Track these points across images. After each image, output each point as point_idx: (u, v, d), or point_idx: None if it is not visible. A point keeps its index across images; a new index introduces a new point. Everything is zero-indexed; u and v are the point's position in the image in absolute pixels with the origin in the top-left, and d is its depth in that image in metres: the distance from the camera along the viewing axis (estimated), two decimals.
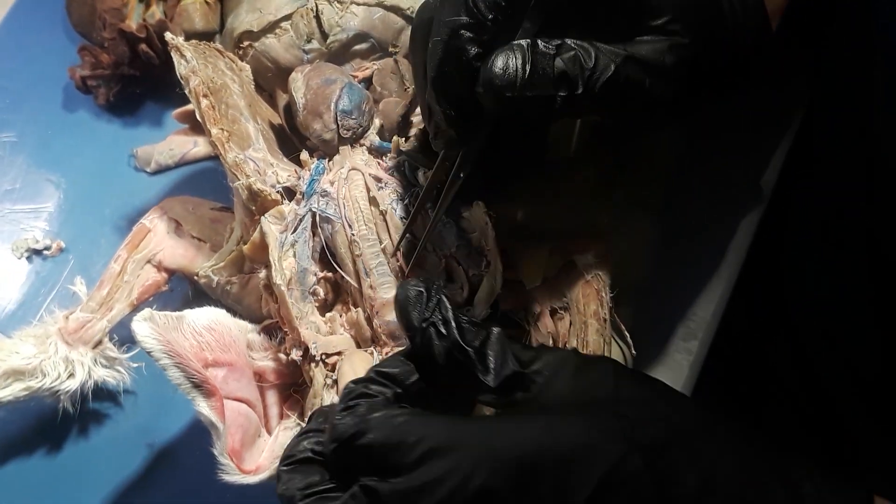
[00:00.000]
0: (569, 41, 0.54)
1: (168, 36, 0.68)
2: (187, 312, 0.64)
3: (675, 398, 0.50)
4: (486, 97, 0.54)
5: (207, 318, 0.65)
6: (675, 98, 0.57)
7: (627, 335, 0.71)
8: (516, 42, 0.53)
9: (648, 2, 0.55)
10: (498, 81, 0.53)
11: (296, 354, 0.65)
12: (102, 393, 0.77)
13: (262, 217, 0.67)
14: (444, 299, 0.51)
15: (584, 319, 0.69)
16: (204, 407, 0.60)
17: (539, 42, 0.53)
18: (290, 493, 0.48)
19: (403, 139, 0.70)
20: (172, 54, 0.67)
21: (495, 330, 0.51)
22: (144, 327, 0.59)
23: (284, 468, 0.49)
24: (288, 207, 0.68)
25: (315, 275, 0.68)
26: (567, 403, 0.48)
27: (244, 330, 0.68)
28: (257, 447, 0.64)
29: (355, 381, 0.50)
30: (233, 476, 0.60)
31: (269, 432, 0.67)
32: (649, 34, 0.56)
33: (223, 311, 0.67)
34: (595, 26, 0.56)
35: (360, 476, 0.45)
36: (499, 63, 0.53)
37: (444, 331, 0.49)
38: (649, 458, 0.43)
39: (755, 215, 0.81)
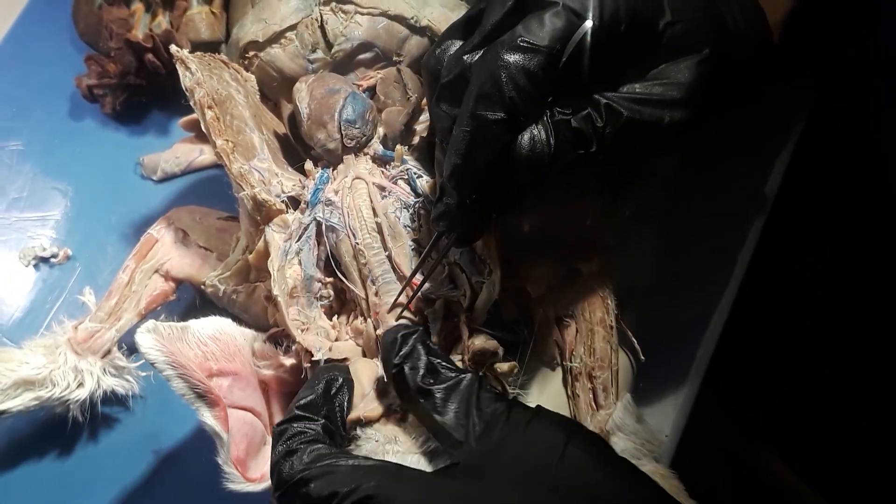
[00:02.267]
0: (582, 102, 0.55)
1: (173, 48, 0.68)
2: (192, 322, 0.64)
3: (621, 482, 0.51)
4: (521, 174, 0.56)
5: (212, 328, 0.65)
6: (690, 123, 0.57)
7: (635, 341, 0.71)
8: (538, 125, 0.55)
9: (665, 29, 0.56)
10: (530, 158, 0.54)
11: (305, 361, 0.66)
12: (112, 398, 0.78)
13: (266, 226, 0.67)
14: (420, 347, 0.58)
15: (590, 327, 0.70)
16: (208, 417, 0.60)
17: (556, 111, 0.55)
18: None
19: (406, 147, 0.71)
20: (177, 66, 0.68)
21: (466, 378, 0.56)
22: (148, 339, 0.59)
23: None
24: (292, 216, 0.68)
25: (320, 281, 0.68)
26: (509, 473, 0.51)
27: (250, 339, 0.69)
28: (263, 455, 0.64)
29: (280, 423, 0.57)
30: (238, 484, 0.60)
31: None
32: (664, 59, 0.56)
33: (228, 321, 0.67)
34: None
35: None
36: (525, 142, 0.54)
37: (408, 378, 0.57)
38: None
39: (758, 221, 0.81)
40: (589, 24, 0.53)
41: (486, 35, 0.56)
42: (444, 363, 0.58)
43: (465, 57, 0.56)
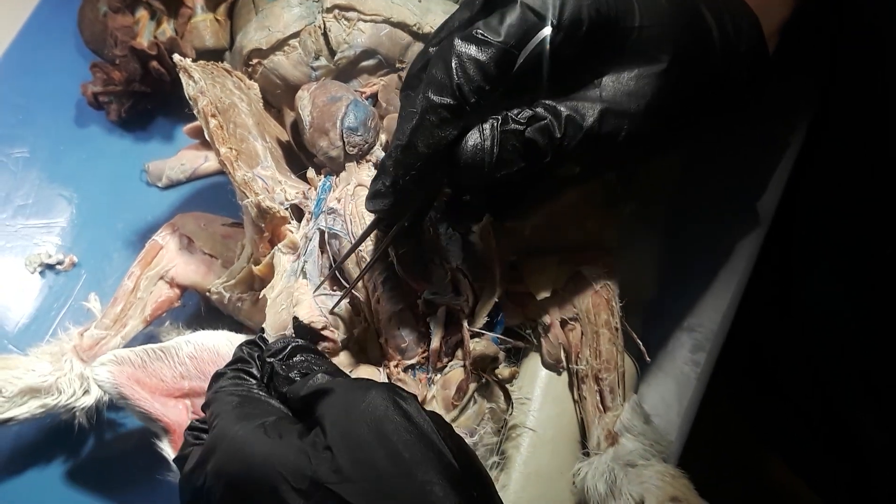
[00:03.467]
0: (540, 109, 0.55)
1: (176, 57, 0.68)
2: (174, 341, 0.65)
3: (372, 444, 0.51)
4: (459, 175, 0.56)
5: (194, 346, 0.66)
6: (650, 136, 0.58)
7: (640, 343, 0.71)
8: (488, 120, 0.55)
9: (632, 33, 0.56)
10: (469, 164, 0.55)
11: None
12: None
13: (276, 248, 0.68)
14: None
15: (595, 329, 0.70)
16: (164, 443, 0.63)
17: (510, 118, 0.55)
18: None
19: None
20: (180, 75, 0.68)
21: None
22: (102, 372, 0.62)
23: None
24: (299, 234, 0.68)
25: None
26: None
27: None
28: None
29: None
30: None
31: None
32: (627, 65, 0.56)
33: (220, 334, 0.68)
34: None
35: None
36: (469, 146, 0.55)
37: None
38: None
39: (762, 226, 0.81)
40: (547, 29, 0.53)
41: (452, 31, 0.57)
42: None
43: (430, 49, 0.58)
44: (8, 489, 0.77)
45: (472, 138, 0.55)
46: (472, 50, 0.53)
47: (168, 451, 0.61)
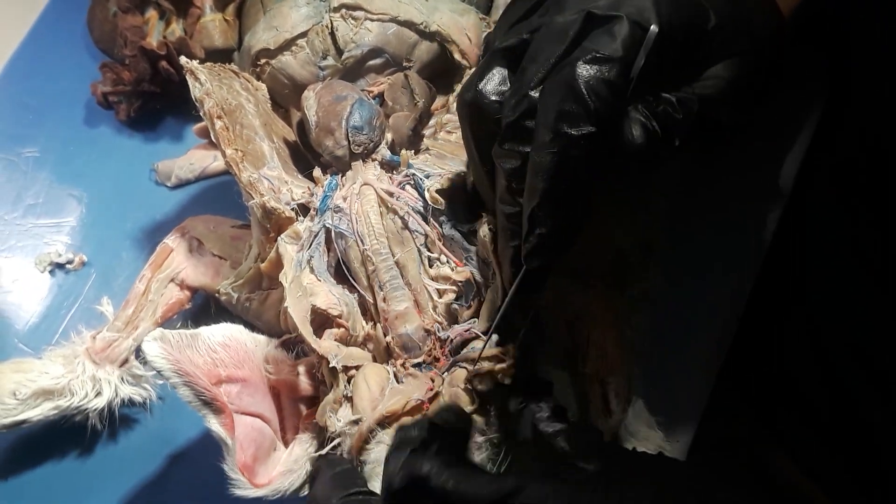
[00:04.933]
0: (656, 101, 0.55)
1: (183, 59, 0.69)
2: (202, 329, 0.64)
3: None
4: (630, 162, 0.55)
5: (222, 335, 0.65)
6: (740, 120, 0.59)
7: (647, 341, 0.71)
8: (631, 108, 0.54)
9: (712, 34, 0.56)
10: (643, 145, 0.54)
11: (326, 370, 0.66)
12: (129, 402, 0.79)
13: (279, 238, 0.68)
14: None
15: (601, 330, 0.70)
16: (214, 424, 0.61)
17: (645, 101, 0.55)
18: None
19: (413, 152, 0.71)
20: (187, 77, 0.68)
21: None
22: (154, 347, 0.60)
23: None
24: (303, 226, 0.68)
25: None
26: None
27: (262, 345, 0.69)
28: (273, 460, 0.65)
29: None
30: (245, 490, 0.61)
31: (286, 445, 0.68)
32: (715, 60, 0.57)
33: (240, 327, 0.68)
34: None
35: None
36: (636, 132, 0.54)
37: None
38: None
39: (773, 216, 0.80)
40: (655, 28, 0.52)
41: (550, 68, 0.54)
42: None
43: (531, 93, 0.54)
44: (21, 489, 0.78)
45: (635, 122, 0.54)
46: (597, 70, 0.51)
47: (222, 432, 0.61)
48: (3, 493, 0.77)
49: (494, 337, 0.62)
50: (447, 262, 0.68)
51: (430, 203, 0.67)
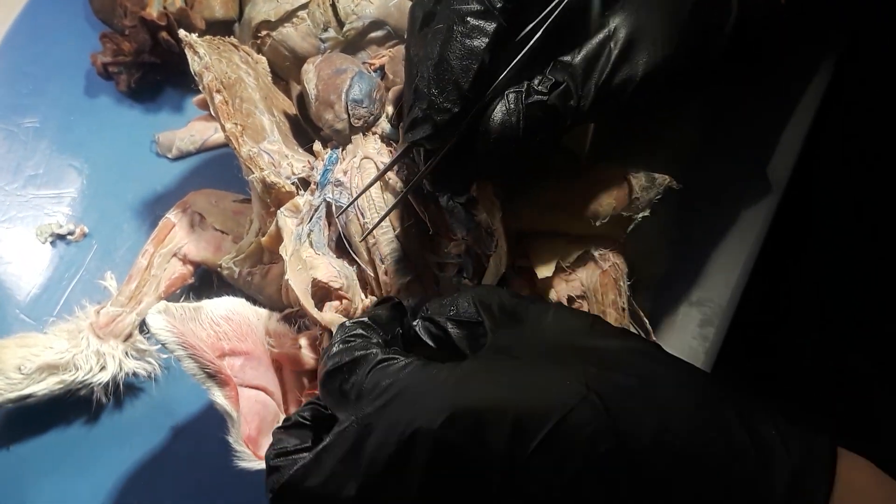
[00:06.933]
0: (559, 71, 0.55)
1: (182, 33, 0.68)
2: (205, 303, 0.65)
3: (644, 347, 0.50)
4: (487, 147, 0.56)
5: (225, 308, 0.66)
6: (662, 81, 0.57)
7: (647, 322, 0.71)
8: (512, 91, 0.55)
9: None
10: (499, 138, 0.55)
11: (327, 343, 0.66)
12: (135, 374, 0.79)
13: (279, 211, 0.67)
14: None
15: (602, 308, 0.70)
16: (219, 396, 0.61)
17: (533, 89, 0.55)
18: (268, 453, 0.50)
19: None
20: (186, 51, 0.68)
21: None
22: (159, 319, 0.60)
23: (276, 430, 0.52)
24: (303, 199, 0.68)
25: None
26: (546, 348, 0.49)
27: (263, 318, 0.69)
28: None
29: (351, 321, 0.53)
30: (249, 462, 0.61)
31: None
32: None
33: (242, 301, 0.68)
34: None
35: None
36: (496, 121, 0.55)
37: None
38: (607, 403, 0.44)
39: (773, 197, 0.81)
40: None
41: None
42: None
43: None
44: (27, 458, 0.78)
45: (499, 112, 0.55)
46: None
47: (226, 405, 0.61)
48: (9, 462, 0.78)
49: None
50: (445, 234, 0.68)
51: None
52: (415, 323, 0.53)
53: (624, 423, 0.44)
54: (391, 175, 0.68)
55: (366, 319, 0.53)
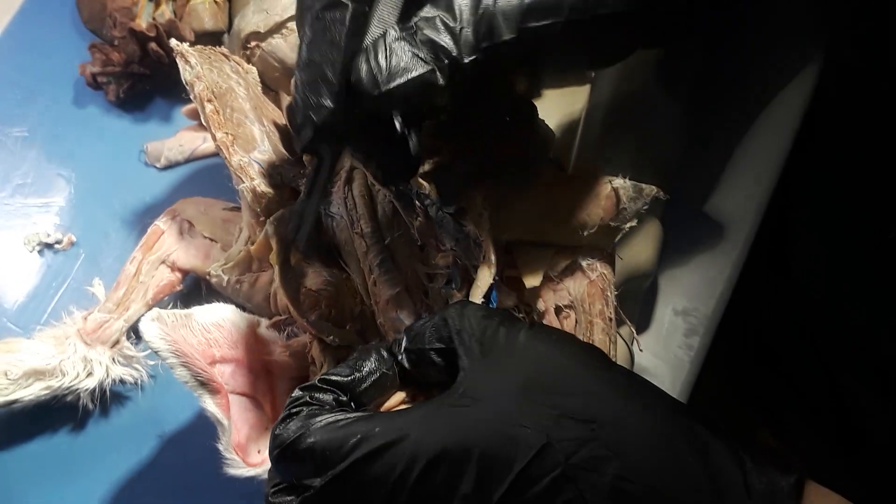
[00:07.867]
0: (428, 9, 0.51)
1: (173, 42, 0.69)
2: (196, 310, 0.65)
3: (610, 376, 0.49)
4: (360, 101, 0.52)
5: (215, 316, 0.66)
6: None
7: (634, 332, 0.71)
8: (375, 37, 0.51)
9: None
10: (361, 79, 0.51)
11: (316, 350, 0.66)
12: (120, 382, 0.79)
13: (268, 220, 0.68)
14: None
15: (589, 319, 0.70)
16: (210, 404, 0.61)
17: (399, 27, 0.51)
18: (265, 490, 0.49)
19: None
20: (177, 60, 0.68)
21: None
22: (153, 328, 0.60)
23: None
24: (293, 209, 0.69)
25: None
26: (512, 388, 0.48)
27: (253, 326, 0.70)
28: (264, 440, 0.65)
29: (300, 388, 0.51)
30: (238, 469, 0.61)
31: None
32: None
33: (232, 308, 0.68)
34: None
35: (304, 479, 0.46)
36: (363, 67, 0.51)
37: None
38: (567, 451, 0.44)
39: (759, 206, 0.81)
40: None
41: None
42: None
43: None
44: (12, 465, 0.78)
45: (362, 56, 0.51)
46: None
47: (217, 413, 0.61)
48: None
49: None
50: (435, 246, 0.68)
51: (415, 187, 0.67)
52: (400, 357, 0.52)
53: (583, 471, 0.44)
54: (377, 184, 0.68)
55: (316, 383, 0.51)
